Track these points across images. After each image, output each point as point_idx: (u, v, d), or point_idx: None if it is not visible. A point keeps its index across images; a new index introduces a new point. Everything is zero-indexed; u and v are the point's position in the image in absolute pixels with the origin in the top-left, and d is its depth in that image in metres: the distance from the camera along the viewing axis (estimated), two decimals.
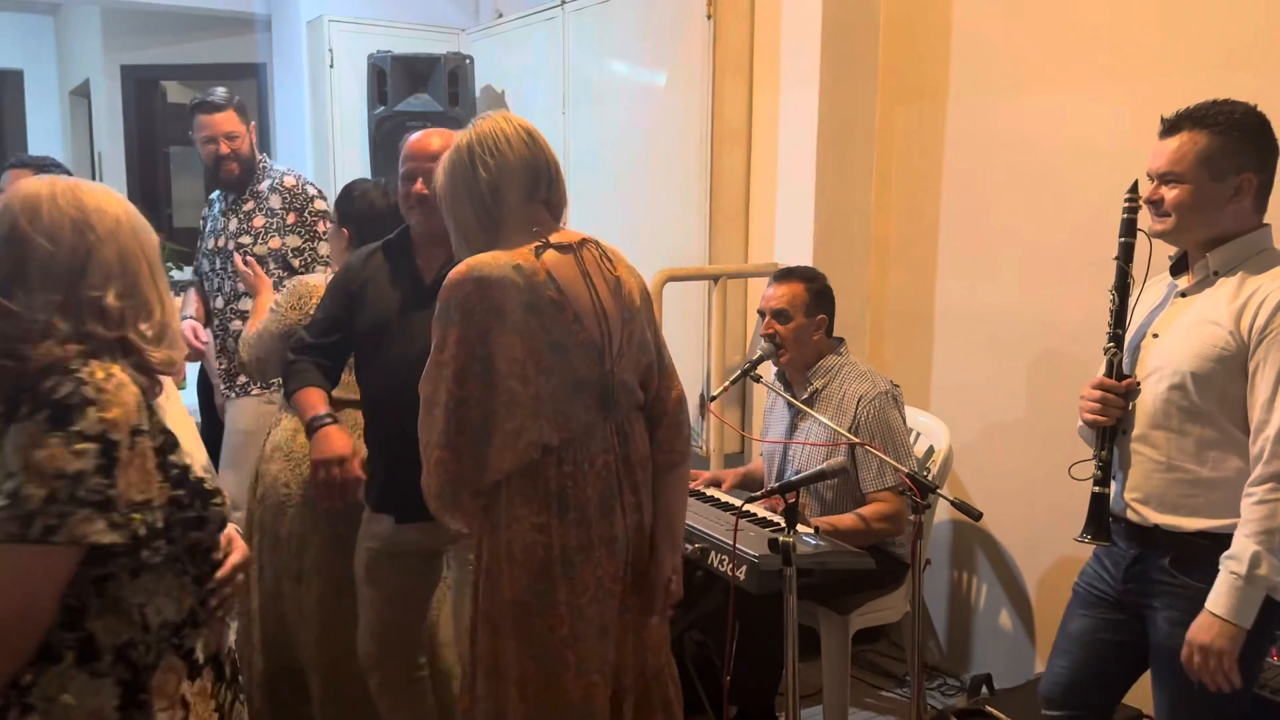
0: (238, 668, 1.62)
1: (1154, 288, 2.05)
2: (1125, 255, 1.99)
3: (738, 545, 2.35)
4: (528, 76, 4.62)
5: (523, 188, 1.93)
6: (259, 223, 3.46)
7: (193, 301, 3.62)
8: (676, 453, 2.07)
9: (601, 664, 1.97)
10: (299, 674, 2.69)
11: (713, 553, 2.49)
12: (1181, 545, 1.88)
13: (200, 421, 3.79)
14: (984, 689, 2.94)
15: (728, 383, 2.98)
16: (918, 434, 3.13)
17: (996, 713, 2.62)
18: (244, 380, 3.48)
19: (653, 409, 2.06)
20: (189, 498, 1.43)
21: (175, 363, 1.49)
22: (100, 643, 1.38)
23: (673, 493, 2.08)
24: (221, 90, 3.51)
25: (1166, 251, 2.01)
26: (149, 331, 1.44)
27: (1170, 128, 1.91)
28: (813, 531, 2.54)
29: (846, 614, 2.77)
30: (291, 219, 3.44)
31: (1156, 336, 1.95)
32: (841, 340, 2.95)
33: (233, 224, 3.50)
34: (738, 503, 2.72)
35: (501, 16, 5.02)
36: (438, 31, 5.14)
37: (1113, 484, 1.98)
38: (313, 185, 3.55)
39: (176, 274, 5.68)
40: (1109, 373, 1.98)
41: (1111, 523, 1.98)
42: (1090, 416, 1.98)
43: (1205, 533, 1.84)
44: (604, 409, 1.93)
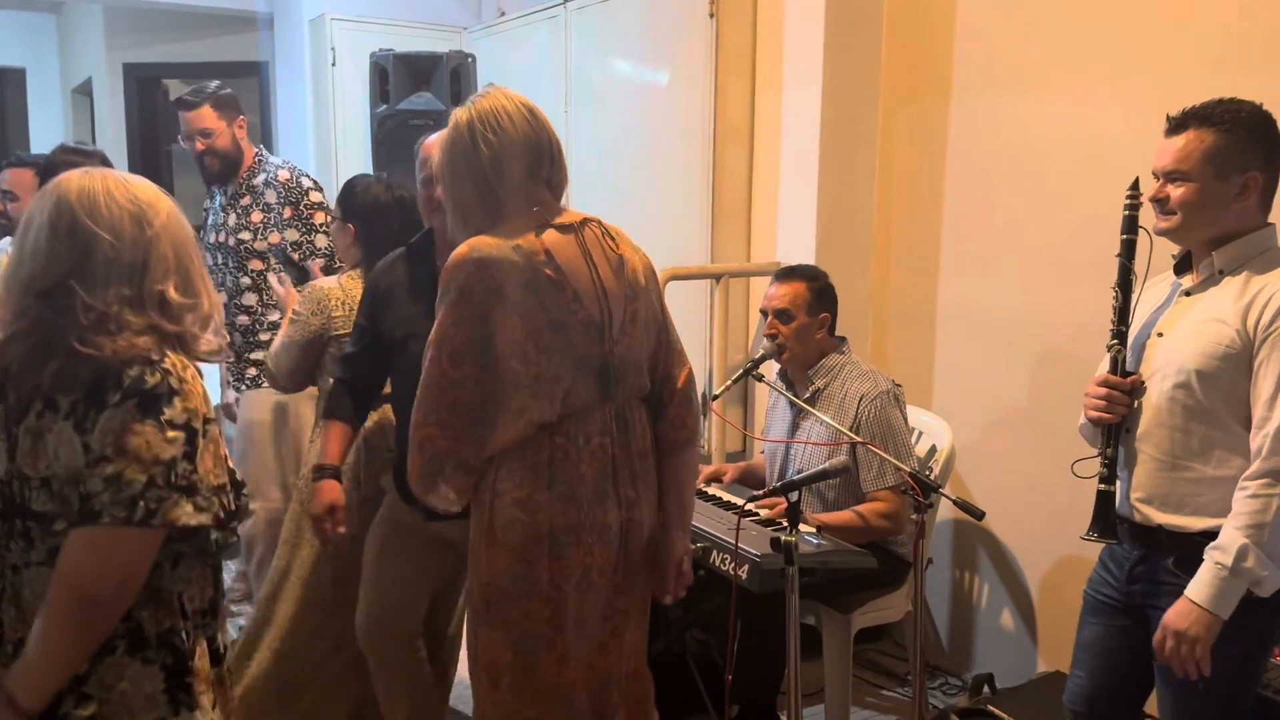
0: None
1: (1156, 286, 2.04)
2: (1127, 252, 1.98)
3: (740, 544, 2.35)
4: (530, 75, 4.62)
5: (525, 166, 1.91)
6: (257, 218, 3.46)
7: None
8: (688, 429, 2.05)
9: (580, 659, 1.93)
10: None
11: (715, 551, 2.49)
12: (1185, 545, 1.87)
13: None
14: (986, 688, 2.94)
15: (730, 381, 2.97)
16: (920, 433, 3.13)
17: (998, 712, 2.62)
18: (253, 374, 3.49)
19: (662, 388, 2.04)
20: (231, 487, 1.51)
21: (221, 350, 1.56)
22: (147, 631, 1.45)
23: (684, 472, 2.06)
24: (210, 85, 3.48)
25: (1168, 249, 2.01)
26: (198, 322, 1.50)
27: (1176, 125, 1.90)
28: (815, 530, 2.54)
29: (848, 613, 2.76)
30: (288, 213, 3.43)
31: (1161, 335, 1.95)
32: (844, 339, 2.94)
33: (231, 219, 3.49)
34: (740, 502, 2.72)
35: (504, 15, 5.01)
36: (440, 30, 5.13)
37: (1118, 483, 1.98)
38: (307, 177, 3.53)
39: None
40: (1113, 370, 1.97)
41: (1116, 523, 1.98)
42: (1095, 414, 1.97)
43: (1209, 532, 1.82)
44: (604, 389, 1.91)
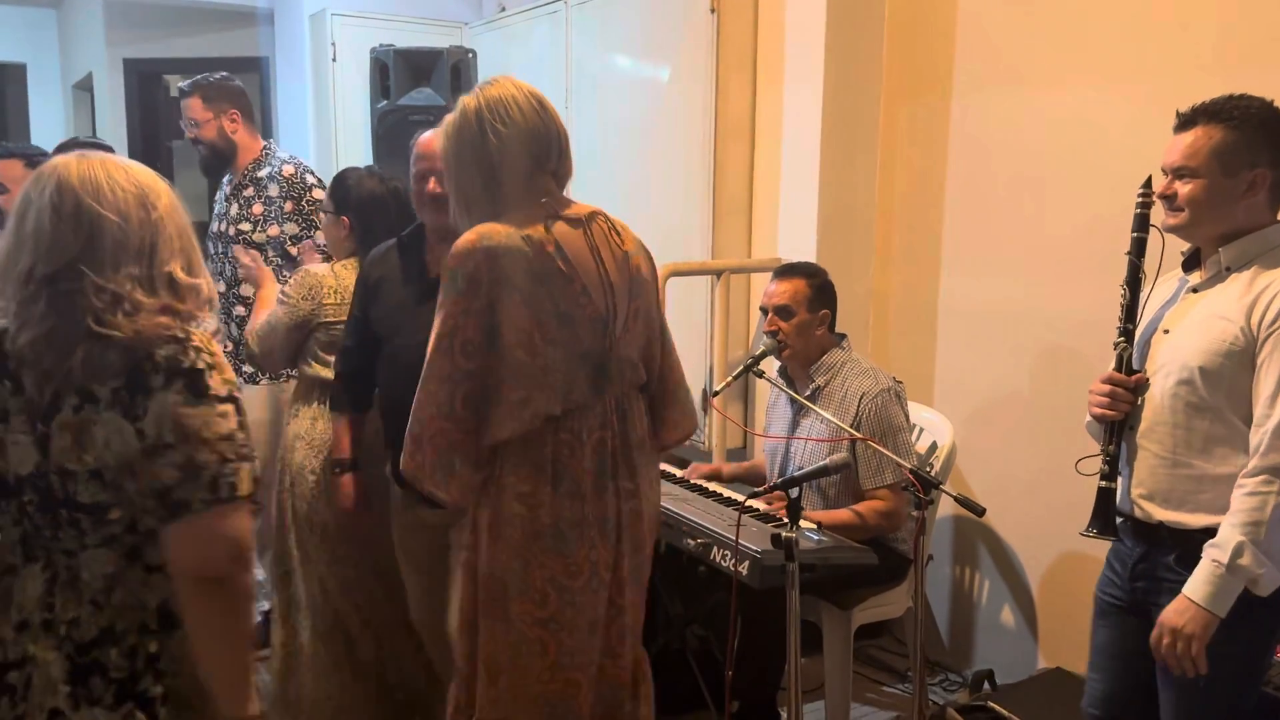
0: None
1: (1166, 283, 2.03)
2: (1137, 250, 1.98)
3: (740, 540, 2.35)
4: (531, 71, 4.61)
5: (533, 157, 1.91)
6: (258, 210, 3.45)
7: None
8: (682, 431, 2.09)
9: (586, 662, 1.91)
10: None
11: (715, 548, 2.49)
12: (1187, 542, 1.87)
13: None
14: (986, 685, 2.94)
15: (730, 378, 2.97)
16: (921, 430, 3.13)
17: (999, 708, 2.62)
18: (251, 369, 3.47)
19: (659, 387, 2.04)
20: None
21: (219, 332, 1.56)
22: None
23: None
24: (212, 75, 3.46)
25: (1178, 247, 2.00)
26: (202, 304, 1.50)
27: (1185, 122, 1.89)
28: (815, 526, 2.54)
29: (849, 609, 2.76)
30: (289, 207, 3.42)
31: (1167, 332, 1.94)
32: (844, 336, 2.94)
33: (233, 209, 3.48)
34: (740, 498, 2.72)
35: (505, 10, 5.01)
36: (440, 25, 5.13)
37: (1119, 480, 1.97)
38: (312, 174, 3.52)
39: None
40: (1119, 367, 1.97)
41: (1118, 520, 1.98)
42: (1099, 411, 1.97)
43: (1211, 530, 1.82)
44: (602, 383, 1.91)
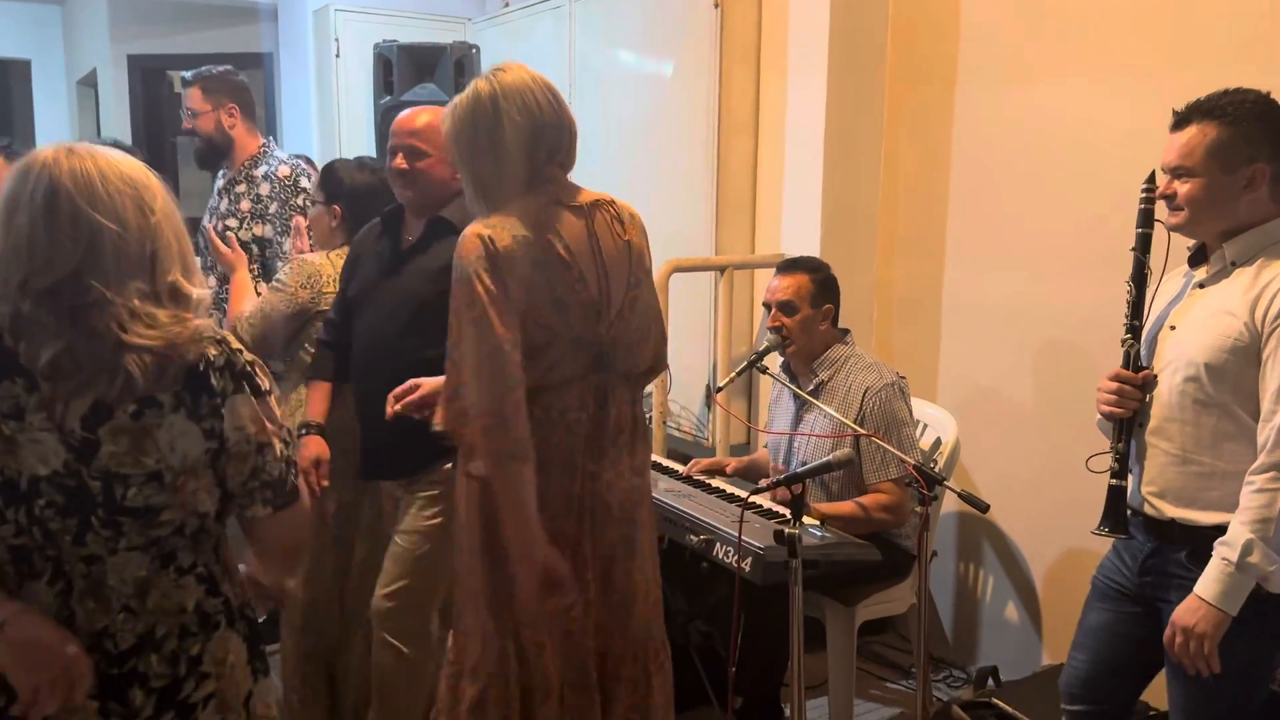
0: None
1: (1172, 279, 2.02)
2: (1142, 246, 1.96)
3: (743, 537, 2.35)
4: (534, 66, 4.52)
5: (546, 148, 1.97)
6: (245, 207, 3.38)
7: None
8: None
9: (553, 626, 1.97)
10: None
11: (718, 544, 2.48)
12: (1198, 539, 1.86)
13: None
14: (990, 681, 2.93)
15: (734, 374, 2.97)
16: (924, 425, 3.12)
17: (1003, 705, 2.61)
18: None
19: (649, 375, 2.10)
20: None
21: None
22: (231, 605, 1.47)
23: None
24: (216, 67, 3.41)
25: (1185, 243, 1.99)
26: (203, 308, 1.44)
27: (1180, 120, 1.88)
28: (818, 523, 2.54)
29: (852, 605, 2.76)
30: (275, 208, 3.35)
31: (1174, 329, 1.93)
32: (847, 331, 2.93)
33: (223, 204, 3.43)
34: (743, 494, 2.71)
35: (508, 6, 4.99)
36: (444, 21, 5.12)
37: (1129, 477, 1.97)
38: (308, 177, 3.41)
39: None
40: (1126, 364, 1.96)
41: (1129, 516, 1.97)
42: (1107, 409, 1.96)
43: (1222, 526, 1.81)
44: (591, 367, 1.96)
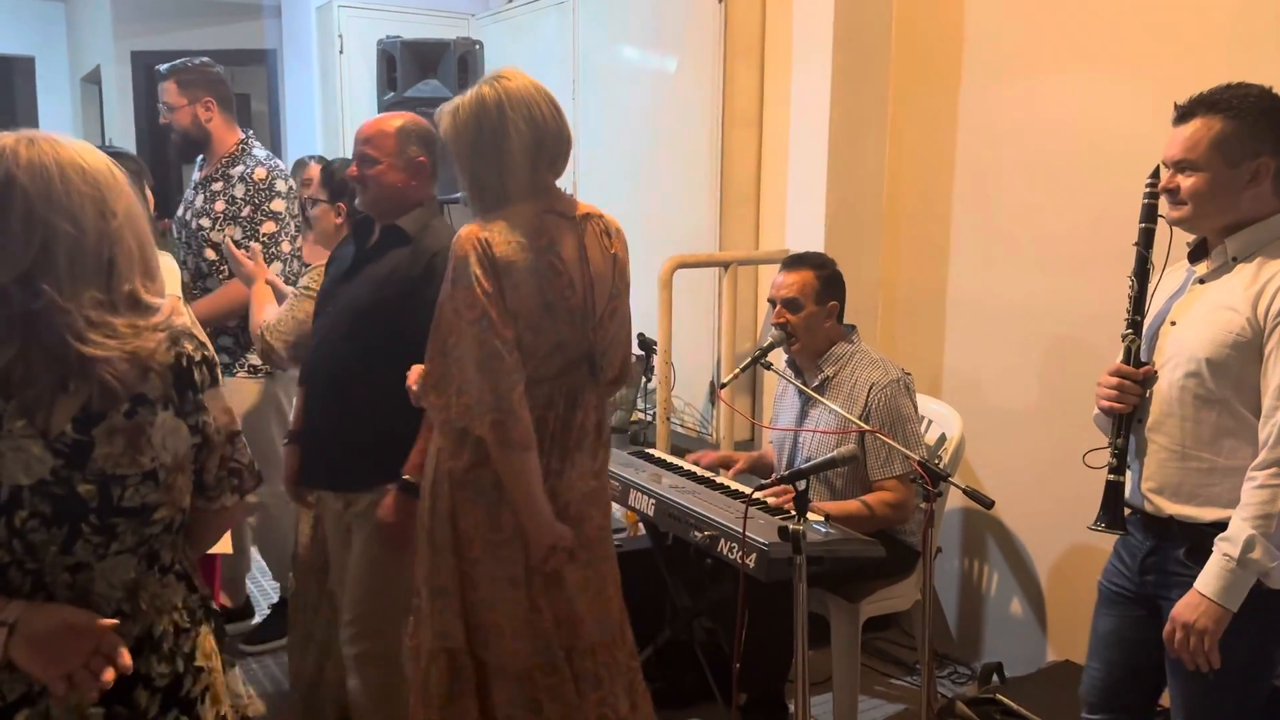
0: None
1: (1173, 274, 2.02)
2: (1145, 241, 1.96)
3: (747, 533, 2.35)
4: (538, 62, 4.60)
5: (547, 159, 2.01)
6: (219, 207, 3.27)
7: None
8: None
9: (512, 611, 2.03)
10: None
11: (722, 540, 2.48)
12: (1197, 536, 1.85)
13: None
14: (995, 677, 2.93)
15: (738, 370, 2.97)
16: (929, 422, 3.12)
17: (1007, 701, 2.62)
18: (226, 360, 3.28)
19: (614, 388, 2.18)
20: None
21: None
22: (206, 601, 1.46)
23: None
24: (192, 60, 3.34)
25: (1186, 238, 1.98)
26: (159, 323, 1.35)
27: (1184, 114, 1.87)
28: (823, 519, 2.54)
29: (857, 602, 2.76)
30: (247, 212, 3.25)
31: (1174, 324, 1.93)
32: (853, 327, 2.93)
33: (199, 201, 3.33)
34: (748, 491, 2.71)
35: (511, 1, 4.99)
36: (447, 17, 5.12)
37: (1128, 474, 1.96)
38: (284, 180, 3.32)
39: None
40: (1126, 359, 1.95)
41: (1128, 513, 1.96)
42: (1107, 404, 1.96)
43: (1221, 522, 1.81)
44: (570, 370, 2.03)
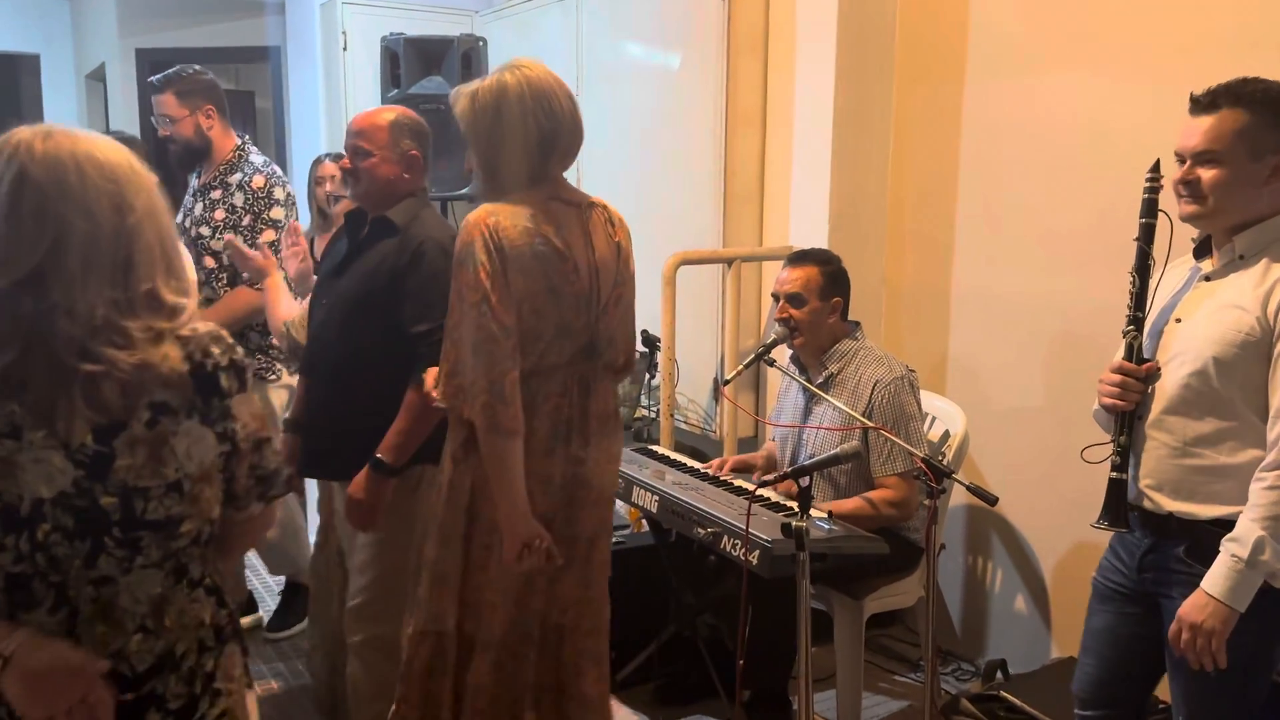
0: None
1: (1175, 271, 2.00)
2: (1146, 237, 1.94)
3: (751, 530, 2.35)
4: (541, 59, 4.58)
5: (560, 150, 2.07)
6: (219, 216, 3.25)
7: None
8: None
9: (507, 588, 2.08)
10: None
11: (725, 537, 2.48)
12: (1196, 533, 1.85)
13: None
14: (999, 674, 2.93)
15: (741, 366, 2.97)
16: (933, 418, 3.11)
17: (1011, 698, 2.62)
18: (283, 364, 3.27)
19: (621, 375, 2.20)
20: None
21: None
22: (234, 617, 1.44)
23: None
24: (187, 69, 3.31)
25: (1188, 233, 1.97)
26: (188, 314, 1.31)
27: (1205, 105, 1.82)
28: (826, 515, 2.53)
29: (860, 598, 2.76)
30: (247, 221, 3.22)
31: (1179, 321, 1.91)
32: (857, 324, 2.93)
33: (198, 209, 3.31)
34: (750, 487, 2.71)
35: None
36: (451, 14, 5.11)
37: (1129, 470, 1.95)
38: (282, 187, 3.30)
39: None
40: (1128, 356, 1.94)
41: (1127, 511, 1.95)
42: (1109, 401, 1.94)
43: (1221, 520, 1.80)
44: (578, 355, 2.06)
